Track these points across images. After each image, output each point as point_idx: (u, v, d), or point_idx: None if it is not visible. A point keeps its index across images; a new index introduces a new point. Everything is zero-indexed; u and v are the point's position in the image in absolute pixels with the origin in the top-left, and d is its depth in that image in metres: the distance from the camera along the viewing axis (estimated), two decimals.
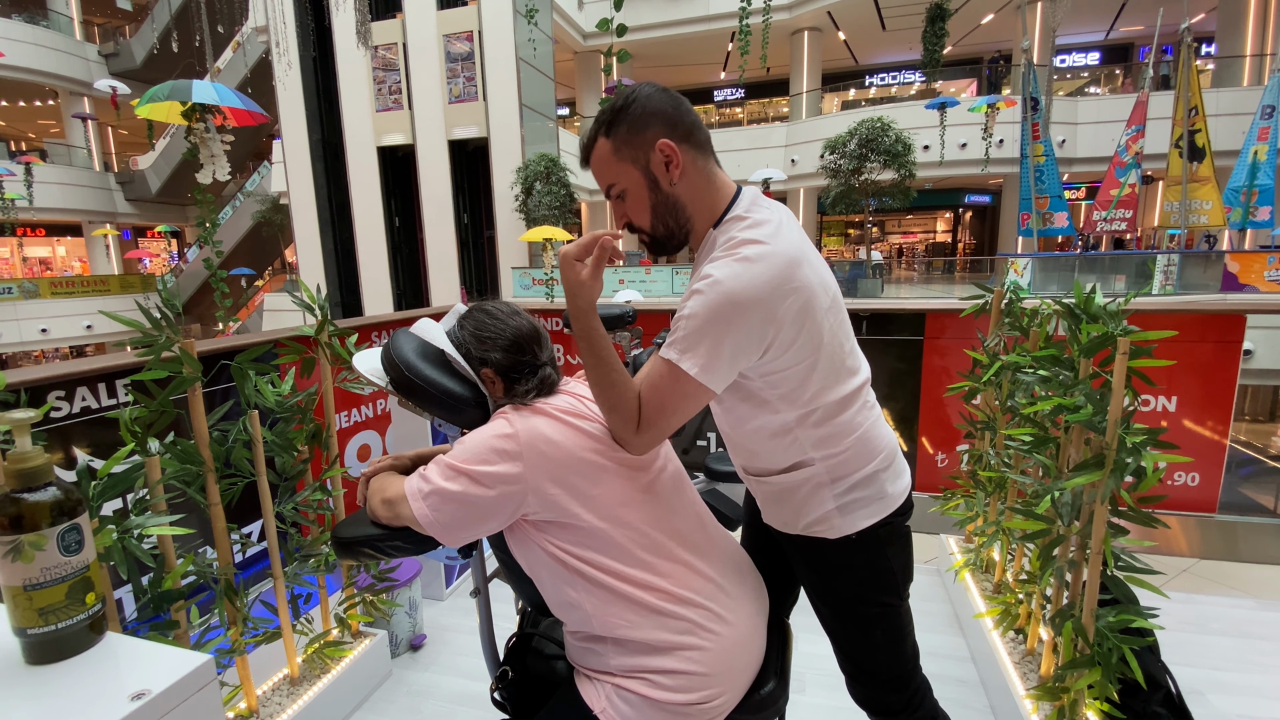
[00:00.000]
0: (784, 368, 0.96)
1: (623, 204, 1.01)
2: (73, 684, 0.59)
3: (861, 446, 1.04)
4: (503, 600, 2.19)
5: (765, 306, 0.90)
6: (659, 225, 1.01)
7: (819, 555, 1.09)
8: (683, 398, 0.92)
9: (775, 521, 1.13)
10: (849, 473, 1.04)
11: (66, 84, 17.25)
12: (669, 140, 0.95)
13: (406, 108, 12.32)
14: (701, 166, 0.99)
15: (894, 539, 1.09)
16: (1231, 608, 2.26)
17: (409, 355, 1.00)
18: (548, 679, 1.10)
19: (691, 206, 0.99)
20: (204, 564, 1.46)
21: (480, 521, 0.91)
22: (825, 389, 1.00)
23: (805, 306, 0.93)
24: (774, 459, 1.06)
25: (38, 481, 0.62)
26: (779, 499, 1.10)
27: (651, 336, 3.24)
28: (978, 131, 11.87)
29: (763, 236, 0.93)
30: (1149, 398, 2.67)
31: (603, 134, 0.98)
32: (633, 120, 0.96)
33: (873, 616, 1.10)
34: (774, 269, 0.91)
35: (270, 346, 1.83)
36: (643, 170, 0.97)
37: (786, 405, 1.00)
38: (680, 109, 0.97)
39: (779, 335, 0.93)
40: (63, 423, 1.70)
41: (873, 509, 1.05)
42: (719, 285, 0.89)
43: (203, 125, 3.90)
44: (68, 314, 15.19)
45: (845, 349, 1.03)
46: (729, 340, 0.90)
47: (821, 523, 1.05)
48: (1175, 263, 9.45)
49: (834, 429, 1.02)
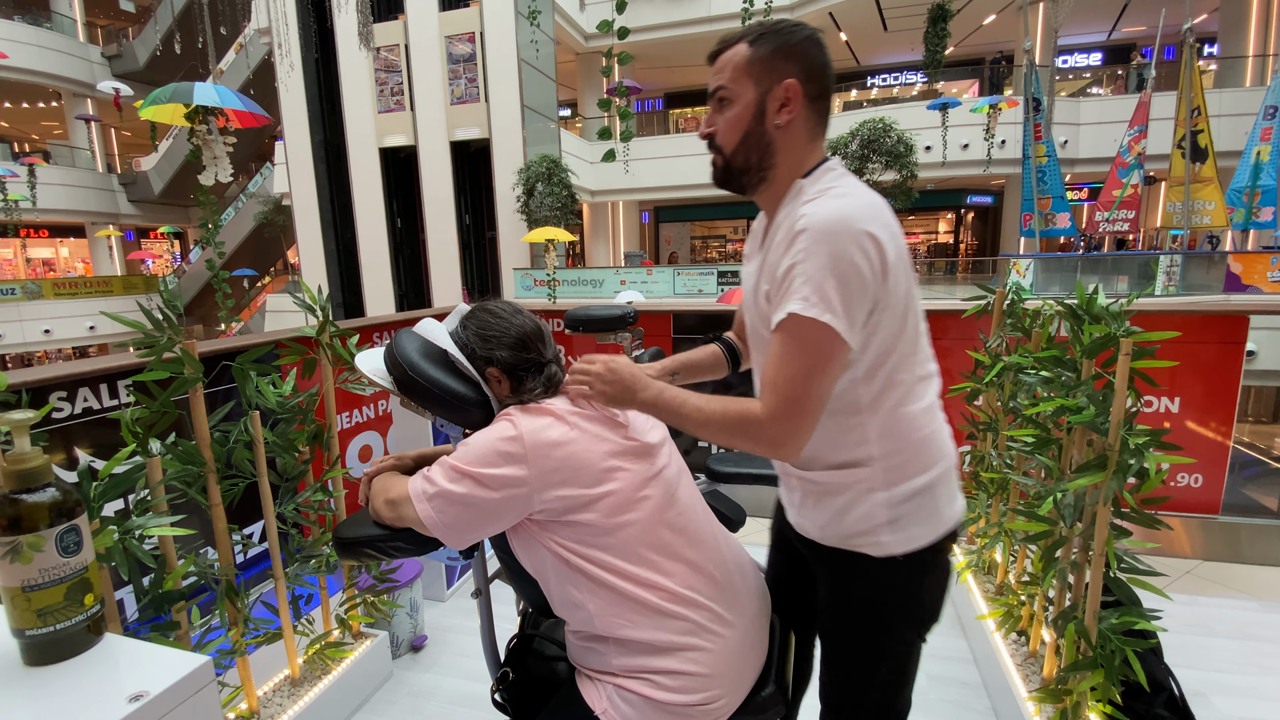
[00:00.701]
0: (880, 325, 0.89)
1: (719, 114, 0.98)
2: (71, 685, 0.59)
3: (924, 450, 0.95)
4: (504, 602, 2.18)
5: (872, 234, 0.84)
6: (740, 155, 0.97)
7: (854, 573, 0.99)
8: (818, 355, 0.84)
9: (811, 526, 1.02)
10: (906, 479, 0.94)
11: (70, 86, 17.30)
12: (797, 84, 0.92)
13: (408, 109, 12.33)
14: (810, 128, 0.96)
15: (937, 568, 1.00)
16: (1235, 609, 2.25)
17: (412, 355, 1.00)
18: (549, 680, 1.10)
19: (781, 155, 0.96)
20: (205, 565, 1.46)
21: (485, 524, 0.91)
22: (905, 364, 0.93)
23: (900, 256, 0.88)
24: (830, 446, 0.96)
25: (37, 482, 0.62)
26: (821, 499, 0.99)
27: (653, 337, 3.24)
28: (980, 132, 11.86)
29: (856, 186, 0.92)
30: (1152, 399, 2.66)
31: (748, 40, 0.95)
32: (779, 47, 0.92)
33: (886, 651, 1.00)
34: (875, 205, 0.88)
35: (272, 347, 1.83)
36: (759, 96, 0.94)
37: (866, 374, 0.91)
38: (826, 68, 0.95)
39: (885, 274, 0.86)
40: (65, 423, 1.70)
41: (926, 528, 0.96)
42: (826, 215, 0.85)
43: (205, 127, 3.91)
44: (71, 315, 15.23)
45: (923, 333, 0.96)
46: (849, 274, 0.83)
47: (867, 536, 0.95)
48: (1178, 263, 9.43)
49: (902, 421, 0.94)
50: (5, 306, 14.27)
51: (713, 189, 4.33)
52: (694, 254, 20.18)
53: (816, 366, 0.84)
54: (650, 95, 19.74)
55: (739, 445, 0.90)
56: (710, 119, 0.99)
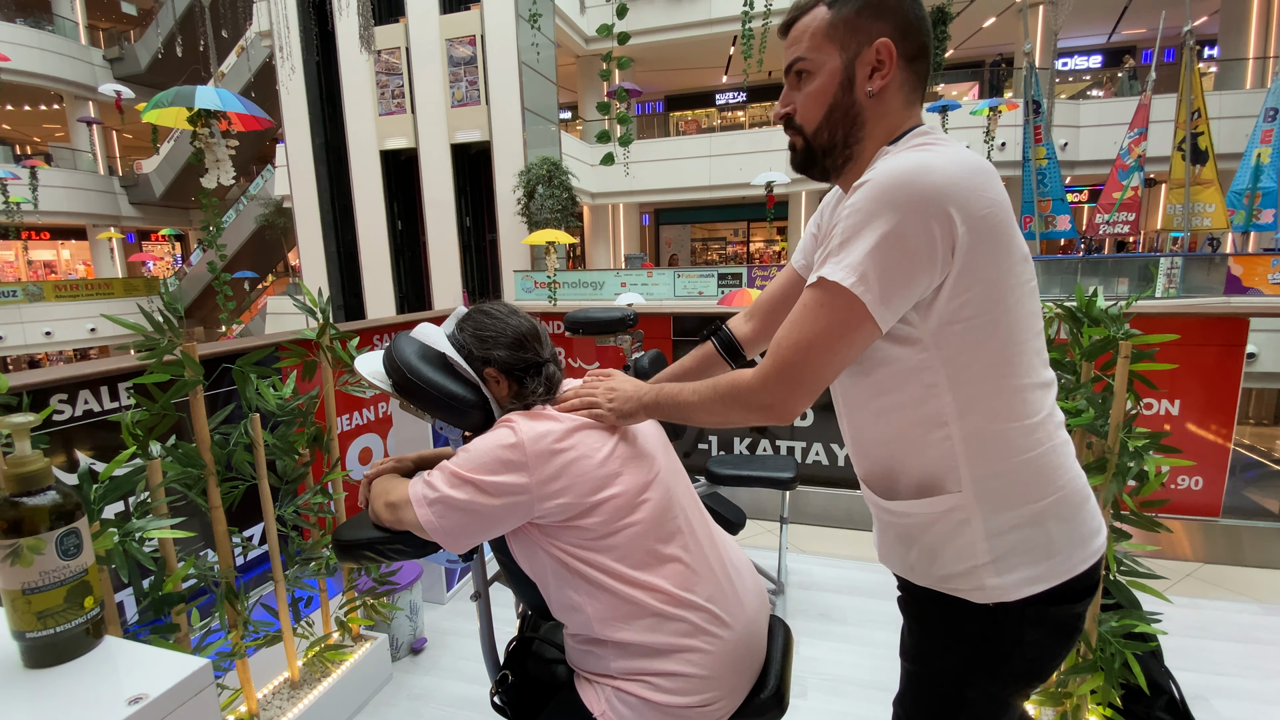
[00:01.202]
0: (960, 315, 0.75)
1: (796, 89, 0.86)
2: (70, 688, 0.59)
3: (1030, 473, 0.79)
4: (503, 604, 2.18)
5: (949, 200, 0.70)
6: (824, 131, 0.84)
7: (946, 618, 0.84)
8: (832, 326, 0.73)
9: (899, 562, 0.90)
10: (1007, 507, 0.79)
11: (71, 88, 17.34)
12: (892, 44, 0.80)
13: (409, 112, 12.36)
14: (907, 93, 0.83)
15: (1058, 625, 0.81)
16: (1235, 612, 2.24)
17: (411, 358, 1.01)
18: (548, 683, 1.10)
19: (870, 127, 0.83)
20: (205, 567, 1.46)
21: (485, 529, 0.91)
22: (1000, 369, 0.77)
23: (994, 235, 0.73)
24: (912, 467, 0.83)
25: (37, 485, 0.62)
26: (908, 538, 0.86)
27: (653, 339, 3.24)
28: (980, 135, 11.86)
29: (947, 146, 0.77)
30: (1151, 401, 2.66)
31: (827, 1, 0.82)
32: (867, 3, 0.80)
33: (969, 701, 0.85)
34: (966, 161, 0.74)
35: (272, 350, 1.83)
36: (846, 62, 0.82)
37: (949, 380, 0.77)
38: (923, 22, 0.82)
39: (962, 252, 0.72)
40: (65, 426, 1.70)
41: (1038, 570, 0.78)
42: (892, 170, 0.73)
43: (207, 130, 3.92)
44: (72, 317, 15.24)
45: (1032, 333, 0.80)
46: (899, 243, 0.70)
47: (966, 579, 0.80)
48: (1178, 266, 9.43)
49: (1000, 439, 0.78)
50: (6, 308, 14.28)
51: (713, 191, 4.39)
52: (694, 256, 20.18)
53: (826, 338, 0.74)
54: (651, 98, 19.76)
55: (736, 416, 0.84)
56: (786, 96, 0.88)
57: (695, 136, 16.09)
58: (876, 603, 2.38)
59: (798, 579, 2.56)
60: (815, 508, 3.13)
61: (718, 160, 14.55)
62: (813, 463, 3.19)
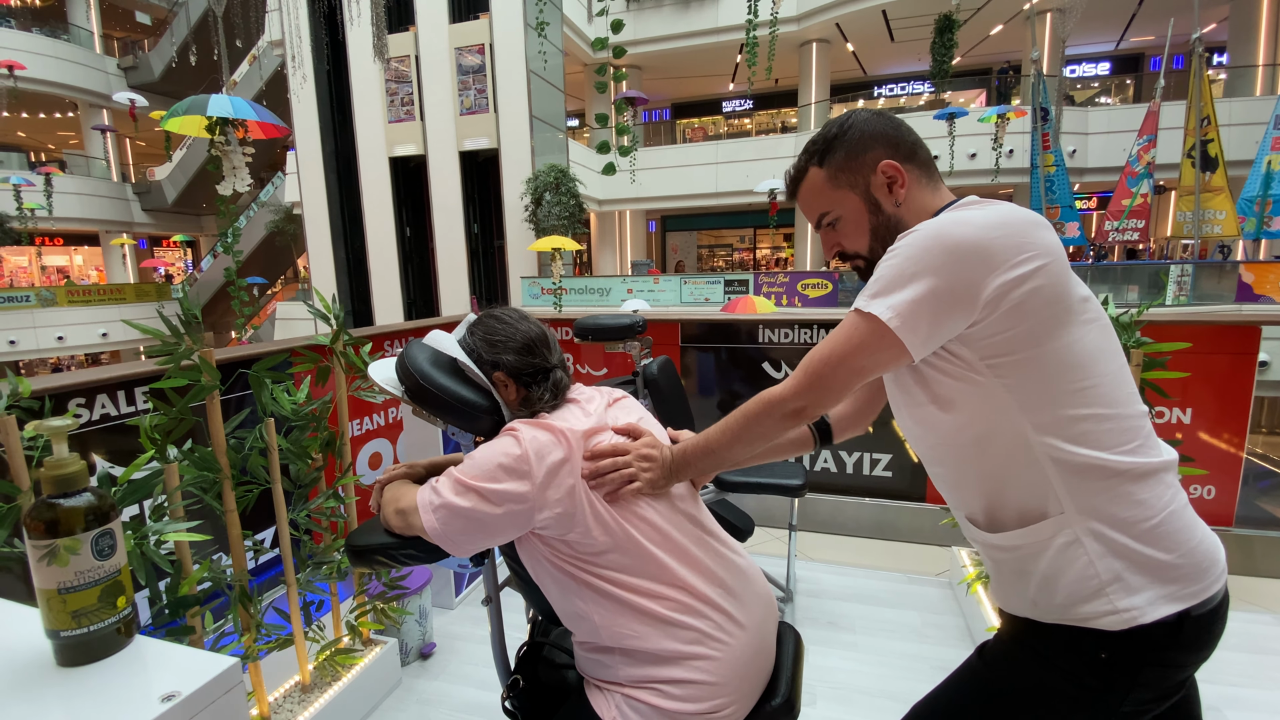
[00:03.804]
0: (1011, 349, 0.78)
1: (834, 232, 0.97)
2: (104, 686, 0.60)
3: (1127, 492, 0.79)
4: (513, 610, 2.19)
5: (984, 251, 0.76)
6: (878, 248, 0.92)
7: (1071, 649, 0.81)
8: (862, 345, 0.81)
9: (1019, 600, 0.87)
10: (1113, 525, 0.79)
11: (86, 96, 17.58)
12: (892, 160, 0.91)
13: (418, 119, 12.47)
14: (926, 184, 0.93)
15: (1167, 667, 0.79)
16: (1249, 623, 2.22)
17: (423, 364, 1.02)
18: (558, 688, 1.11)
19: (911, 225, 0.89)
20: (219, 570, 1.48)
21: (489, 537, 0.93)
22: (1070, 399, 0.79)
23: (1044, 273, 0.77)
24: (1008, 492, 0.85)
25: (73, 487, 0.64)
26: (1022, 572, 0.85)
27: (660, 346, 3.25)
28: (987, 142, 11.86)
29: (988, 207, 0.83)
30: (1163, 410, 2.65)
31: (814, 163, 0.95)
32: (850, 145, 0.92)
33: None
34: (1003, 214, 0.79)
35: (286, 355, 1.86)
36: (863, 195, 0.93)
37: (1020, 405, 0.80)
38: (900, 129, 0.93)
39: (999, 296, 0.76)
40: (82, 430, 1.73)
41: (1167, 589, 0.77)
42: (929, 226, 0.80)
43: (224, 138, 3.98)
44: (84, 322, 15.39)
45: (1119, 364, 0.83)
46: (933, 283, 0.77)
47: (1095, 603, 0.78)
48: (1189, 273, 9.38)
49: (1090, 458, 0.79)
50: (20, 313, 14.43)
51: (719, 198, 4.41)
52: (700, 263, 20.22)
53: (854, 353, 0.82)
54: (658, 105, 19.86)
55: (769, 426, 0.89)
56: (828, 239, 0.98)
57: (702, 144, 16.16)
58: (885, 611, 2.38)
59: (806, 587, 2.56)
60: (824, 515, 3.13)
61: (724, 167, 14.59)
62: (821, 470, 3.18)
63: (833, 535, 3.08)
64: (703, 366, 3.30)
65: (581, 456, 0.94)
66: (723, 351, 3.23)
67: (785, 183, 1.00)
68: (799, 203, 0.99)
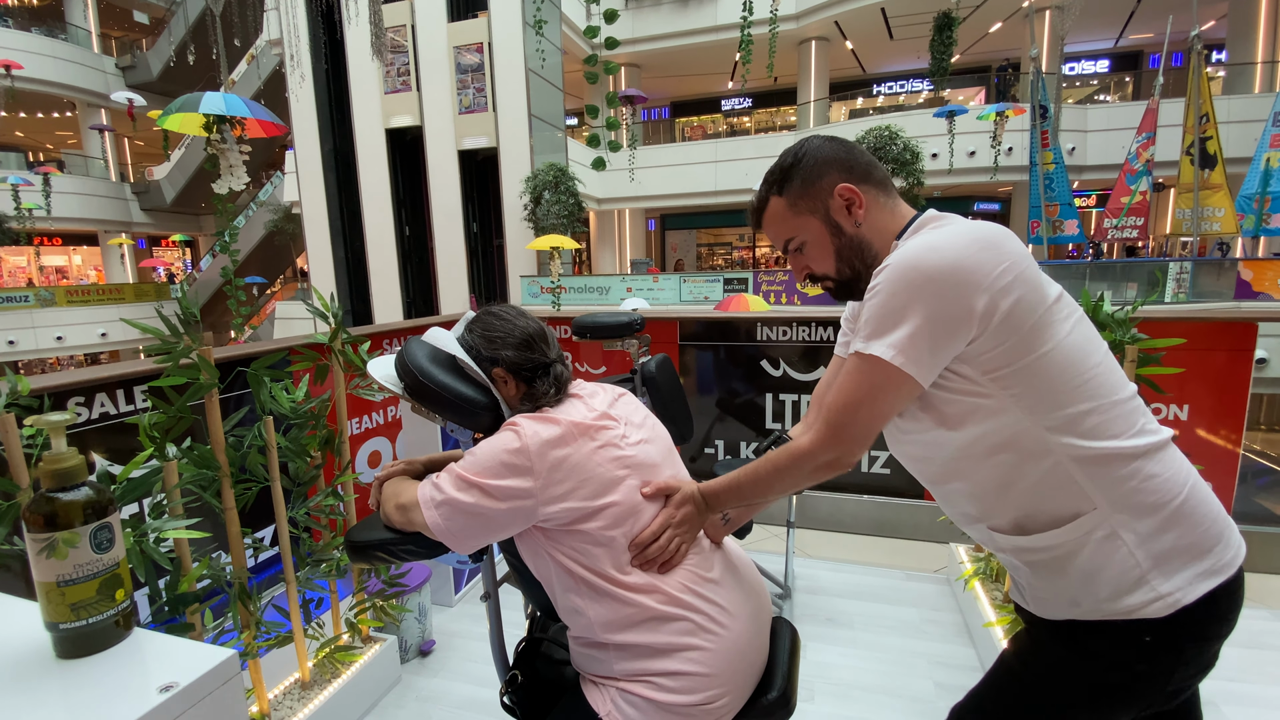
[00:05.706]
0: (1008, 361, 0.81)
1: (801, 256, 1.00)
2: (102, 677, 0.61)
3: (1150, 475, 0.82)
4: (511, 607, 2.20)
5: (964, 271, 0.79)
6: (844, 268, 0.97)
7: (1120, 644, 0.83)
8: (875, 389, 0.83)
9: (1061, 606, 0.87)
10: (1146, 512, 0.81)
11: (84, 96, 17.56)
12: (848, 183, 0.94)
13: (415, 92, 12.44)
14: (884, 203, 0.96)
15: (1208, 639, 0.82)
16: (1246, 619, 2.21)
17: (422, 361, 1.03)
18: (556, 683, 1.11)
19: (877, 243, 0.95)
20: (218, 568, 1.48)
21: (491, 532, 0.93)
22: (1075, 396, 0.82)
23: (1021, 281, 0.80)
24: (1040, 498, 0.85)
25: (71, 481, 0.64)
26: (1060, 571, 0.85)
27: (659, 344, 3.26)
28: (986, 139, 11.86)
29: (954, 225, 0.87)
30: (1160, 406, 2.65)
31: (774, 193, 0.98)
32: (805, 172, 0.95)
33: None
34: (972, 232, 0.82)
35: (285, 354, 1.86)
36: (823, 219, 0.95)
37: (1028, 413, 0.82)
38: (853, 152, 0.96)
39: (988, 311, 0.79)
40: (82, 428, 1.73)
41: (1204, 565, 0.81)
42: (903, 257, 0.82)
43: (220, 137, 3.98)
44: (83, 321, 15.39)
45: (1103, 353, 0.86)
46: (924, 313, 0.80)
47: (1138, 592, 0.80)
48: (1188, 270, 9.39)
49: (1106, 449, 0.81)
50: (19, 313, 14.43)
51: (719, 197, 4.42)
52: (700, 261, 20.22)
53: (869, 398, 0.84)
54: (657, 104, 19.85)
55: (802, 480, 0.91)
56: (797, 262, 1.01)
57: (701, 142, 16.15)
58: (884, 607, 2.38)
59: (805, 584, 2.57)
60: (822, 512, 3.13)
61: (723, 166, 14.58)
62: None
63: (831, 532, 3.09)
64: (701, 364, 3.30)
65: (585, 451, 0.94)
66: (721, 349, 3.23)
67: (749, 213, 1.03)
68: (765, 231, 1.01)
